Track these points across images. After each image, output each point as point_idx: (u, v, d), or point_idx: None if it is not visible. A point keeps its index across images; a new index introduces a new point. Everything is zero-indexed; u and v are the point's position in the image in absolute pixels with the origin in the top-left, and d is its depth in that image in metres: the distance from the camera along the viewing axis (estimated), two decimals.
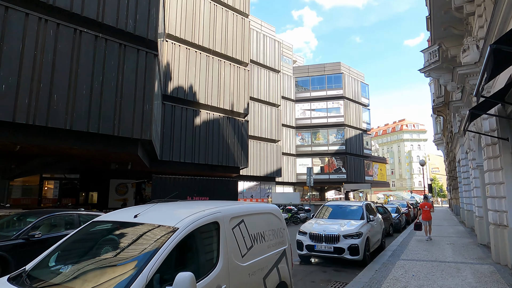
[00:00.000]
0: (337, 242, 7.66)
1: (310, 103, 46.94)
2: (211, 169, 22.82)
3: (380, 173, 55.36)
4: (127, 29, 12.70)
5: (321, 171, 45.80)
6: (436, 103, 29.58)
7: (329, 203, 10.04)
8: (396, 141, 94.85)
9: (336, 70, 47.09)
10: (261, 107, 33.86)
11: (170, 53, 21.02)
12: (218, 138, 23.03)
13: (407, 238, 12.24)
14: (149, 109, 13.09)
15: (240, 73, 25.27)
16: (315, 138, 46.70)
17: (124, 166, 17.27)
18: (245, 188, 32.93)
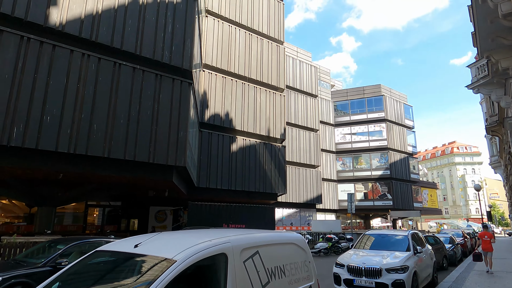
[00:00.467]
0: (379, 276, 6.84)
1: (350, 127, 45.67)
2: (248, 196, 22.50)
3: (430, 199, 51.54)
4: (163, 60, 13.19)
5: (364, 198, 43.60)
6: (490, 123, 27.29)
7: (370, 232, 9.20)
8: (446, 165, 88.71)
9: (376, 92, 45.74)
10: (298, 132, 33.44)
11: (207, 82, 21.61)
12: (254, 164, 22.83)
13: (464, 273, 10.85)
14: (184, 136, 13.25)
15: (275, 98, 25.28)
16: (357, 163, 44.95)
17: (161, 193, 17.52)
18: (284, 215, 32.05)
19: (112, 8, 12.30)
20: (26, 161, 10.35)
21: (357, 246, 8.61)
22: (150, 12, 13.23)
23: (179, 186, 15.73)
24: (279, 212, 31.42)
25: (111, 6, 12.28)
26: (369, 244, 8.60)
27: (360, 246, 8.60)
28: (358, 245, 8.69)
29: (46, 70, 10.49)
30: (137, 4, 12.96)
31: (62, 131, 10.47)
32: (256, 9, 25.75)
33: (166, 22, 13.62)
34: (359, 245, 8.64)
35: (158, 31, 13.29)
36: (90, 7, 11.80)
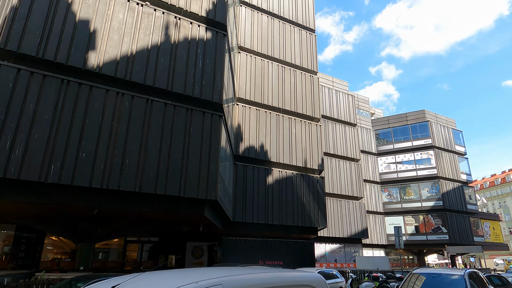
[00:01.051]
0: None
1: (395, 155, 43.37)
2: (286, 230, 21.54)
3: (493, 232, 46.33)
4: (193, 95, 13.43)
5: (416, 231, 40.20)
6: None
7: (419, 271, 8.05)
8: (509, 193, 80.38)
9: (421, 118, 43.47)
10: (338, 162, 32.26)
11: (241, 115, 21.75)
12: (292, 196, 22.04)
13: None
14: (215, 169, 13.09)
15: (311, 129, 24.76)
16: (405, 193, 42.05)
17: (196, 228, 17.25)
18: (328, 251, 30.23)
19: (146, 48, 12.93)
20: (62, 197, 10.65)
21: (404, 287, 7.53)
22: (181, 50, 13.72)
23: (213, 221, 15.40)
24: (321, 247, 29.75)
25: (145, 46, 12.91)
26: (418, 285, 7.49)
27: (407, 287, 7.50)
28: (404, 286, 7.60)
29: (83, 109, 11.02)
30: (169, 43, 13.53)
31: (96, 167, 10.74)
32: (288, 42, 26.11)
33: (197, 58, 14.03)
34: (406, 287, 7.55)
35: (189, 67, 13.68)
36: (125, 48, 12.47)
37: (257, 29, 24.74)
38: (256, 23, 24.78)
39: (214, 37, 14.80)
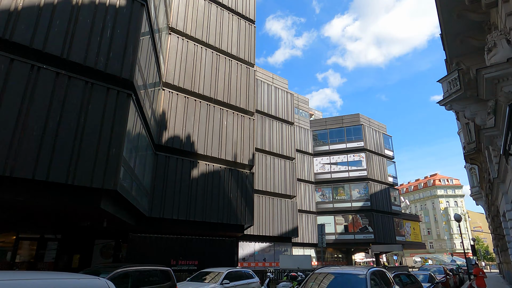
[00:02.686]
0: None
1: (330, 156, 44.40)
2: (210, 228, 20.20)
3: (413, 232, 49.67)
4: (96, 67, 11.50)
5: (345, 231, 41.46)
6: (468, 150, 26.25)
7: (322, 270, 7.23)
8: (429, 197, 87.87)
9: (355, 122, 45.07)
10: (273, 160, 31.72)
11: (166, 101, 19.95)
12: (218, 192, 20.76)
13: None
14: (116, 154, 11.29)
15: (244, 122, 23.74)
16: (337, 194, 43.22)
17: (99, 224, 15.13)
18: (257, 250, 29.47)
19: (36, 5, 10.70)
20: None
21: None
22: (85, 13, 11.67)
23: (118, 215, 13.50)
24: (250, 246, 28.91)
25: (35, 3, 10.68)
26: (319, 285, 6.62)
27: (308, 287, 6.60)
28: (306, 286, 6.69)
29: None
30: (69, 4, 11.42)
31: None
32: (225, 30, 24.83)
33: (105, 26, 12.08)
34: (308, 286, 6.64)
35: (94, 35, 11.69)
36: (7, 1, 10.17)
37: (192, 12, 23.08)
38: (192, 5, 23.10)
39: (129, 5, 12.93)
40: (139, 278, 8.26)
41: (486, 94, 6.12)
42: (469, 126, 27.26)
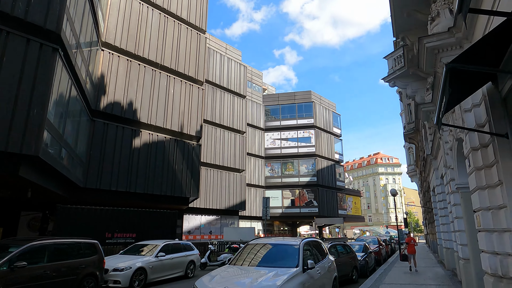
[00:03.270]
0: None
1: (280, 132, 44.81)
2: (153, 200, 19.41)
3: (354, 206, 52.78)
4: (13, 13, 9.90)
5: (291, 204, 42.76)
6: (407, 130, 27.79)
7: (255, 241, 7.02)
8: (371, 174, 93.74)
9: (307, 98, 45.66)
10: (223, 133, 31.11)
11: (106, 63, 18.24)
12: (162, 163, 19.87)
13: (373, 287, 9.25)
14: (39, 115, 10.00)
15: (193, 91, 22.70)
16: (286, 169, 44.10)
17: (23, 194, 13.69)
18: (203, 222, 29.26)
19: None
20: None
21: (236, 260, 6.34)
22: None
23: (45, 185, 12.25)
24: (196, 219, 28.59)
25: None
26: (251, 257, 6.39)
27: (239, 260, 6.34)
28: (236, 258, 6.42)
29: None
30: None
31: None
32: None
33: None
34: (238, 259, 6.38)
35: None
36: None
37: None
38: None
39: None
40: (58, 252, 7.47)
41: (426, 66, 6.09)
42: (410, 107, 28.76)
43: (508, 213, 4.19)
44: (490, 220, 4.65)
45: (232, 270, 5.81)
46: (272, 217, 43.43)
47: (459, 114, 5.44)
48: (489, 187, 4.65)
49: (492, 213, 4.58)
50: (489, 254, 4.71)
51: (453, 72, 3.17)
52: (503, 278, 4.43)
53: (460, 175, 7.38)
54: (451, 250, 12.22)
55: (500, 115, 4.46)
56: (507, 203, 4.21)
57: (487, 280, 4.89)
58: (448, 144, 7.82)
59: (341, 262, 10.19)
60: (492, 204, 4.59)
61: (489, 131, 4.51)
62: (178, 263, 11.04)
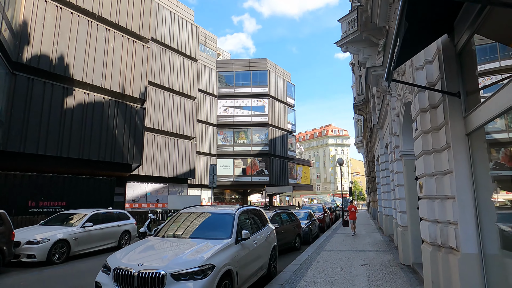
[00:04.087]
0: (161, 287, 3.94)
1: (234, 100, 43.73)
2: (90, 166, 17.86)
3: (304, 176, 54.33)
4: None
5: (243, 173, 42.73)
6: (357, 101, 28.30)
7: (188, 210, 6.31)
8: (322, 145, 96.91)
9: (262, 66, 44.68)
10: (172, 97, 29.38)
11: (29, 9, 15.70)
12: (100, 126, 18.17)
13: (313, 255, 9.13)
14: None
15: (136, 49, 20.71)
16: (238, 137, 43.56)
17: None
18: (149, 190, 28.08)
19: None
20: None
21: (163, 232, 5.59)
22: None
23: None
24: (142, 187, 27.32)
25: None
26: (181, 228, 5.69)
27: (168, 231, 5.61)
28: (165, 229, 5.69)
29: None
30: None
31: None
32: None
33: None
34: (167, 230, 5.65)
35: None
36: None
37: None
38: None
39: None
40: None
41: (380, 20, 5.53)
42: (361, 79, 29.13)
43: (453, 179, 3.85)
44: (434, 187, 4.32)
45: (155, 242, 5.08)
46: (223, 186, 43.29)
47: (410, 74, 4.99)
48: (435, 152, 4.28)
49: (436, 179, 4.25)
50: (430, 222, 4.44)
51: (410, 4, 2.53)
52: (441, 247, 4.18)
53: (405, 142, 7.17)
54: (390, 217, 12.58)
55: (453, 73, 4.01)
56: (453, 168, 3.85)
57: (425, 249, 4.66)
58: (395, 110, 7.54)
59: (285, 230, 9.95)
60: (437, 169, 4.25)
61: (440, 89, 4.06)
62: (110, 234, 10.10)
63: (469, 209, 3.73)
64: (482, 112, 3.44)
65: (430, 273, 4.34)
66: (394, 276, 6.35)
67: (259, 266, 5.95)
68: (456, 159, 3.84)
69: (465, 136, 3.85)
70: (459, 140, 3.86)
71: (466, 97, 3.91)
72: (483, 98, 3.49)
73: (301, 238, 11.26)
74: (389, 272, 6.68)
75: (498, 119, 3.29)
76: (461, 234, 3.72)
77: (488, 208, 3.61)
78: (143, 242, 5.17)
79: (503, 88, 3.05)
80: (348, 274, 6.61)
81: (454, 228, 3.85)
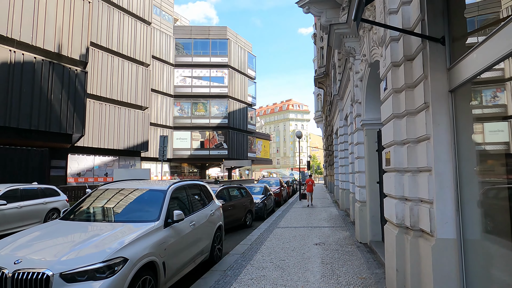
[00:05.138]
0: None
1: (192, 69, 41.43)
2: (20, 136, 15.70)
3: (263, 150, 54.05)
4: None
5: (201, 146, 41.31)
6: (318, 74, 27.72)
7: (109, 185, 5.16)
8: (282, 120, 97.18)
9: (222, 35, 42.45)
10: (122, 63, 26.89)
11: None
12: (32, 91, 15.90)
13: (266, 232, 8.42)
14: None
15: (75, 3, 18.15)
16: (196, 109, 41.72)
17: None
18: (97, 163, 26.04)
19: None
20: None
21: (71, 213, 4.42)
22: None
23: None
24: (88, 160, 25.21)
25: None
26: (97, 208, 4.56)
27: (79, 212, 4.46)
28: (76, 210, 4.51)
29: None
30: None
31: None
32: None
33: None
34: (77, 211, 4.49)
35: None
36: None
37: None
38: None
39: None
40: None
41: None
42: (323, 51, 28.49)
43: (430, 148, 3.08)
44: (404, 157, 3.55)
45: (57, 227, 3.92)
46: (180, 159, 41.70)
47: (382, 19, 4.09)
48: (408, 115, 3.48)
49: (408, 149, 3.47)
50: (397, 200, 3.70)
51: None
52: (410, 229, 3.47)
53: (368, 110, 6.44)
54: (346, 191, 12.22)
55: (437, 11, 3.15)
56: (431, 134, 3.07)
57: (389, 231, 3.96)
58: (358, 74, 6.75)
59: (233, 206, 9.09)
60: (410, 136, 3.46)
61: (421, 33, 3.19)
62: (33, 213, 8.66)
63: (448, 184, 2.99)
64: (473, 60, 2.62)
65: (394, 259, 3.64)
66: (350, 257, 5.75)
67: (198, 250, 5.03)
68: (436, 122, 3.05)
69: (448, 93, 3.05)
70: (441, 98, 3.06)
71: (452, 43, 3.07)
72: (473, 47, 2.66)
73: (253, 214, 10.50)
74: (345, 252, 6.07)
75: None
76: (437, 215, 2.99)
77: (471, 184, 2.88)
78: (42, 227, 3.99)
79: (504, 28, 2.22)
80: (301, 255, 5.91)
81: (428, 207, 3.11)
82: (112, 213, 4.37)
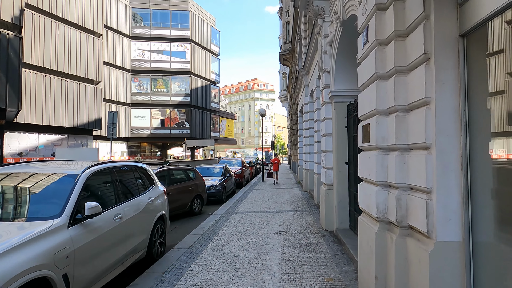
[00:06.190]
0: None
1: (151, 42, 38.65)
2: None
3: (228, 129, 52.81)
4: None
5: (161, 125, 39.21)
6: (283, 50, 26.70)
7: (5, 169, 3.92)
8: (247, 99, 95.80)
9: (184, 6, 39.78)
10: (69, 31, 24.12)
11: None
12: None
13: (222, 219, 7.51)
14: None
15: None
16: (156, 85, 39.29)
17: None
18: (42, 142, 23.63)
19: None
20: None
21: None
22: None
23: None
24: (32, 138, 22.77)
25: None
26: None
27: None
28: None
29: None
30: None
31: None
32: None
33: None
34: None
35: None
36: None
37: None
38: None
39: None
40: None
41: None
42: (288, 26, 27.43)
43: (430, 116, 2.21)
44: (390, 131, 2.68)
45: None
46: (138, 138, 39.45)
47: None
48: (398, 73, 2.58)
49: (397, 119, 2.59)
50: (378, 187, 2.85)
51: None
52: (396, 226, 2.64)
53: (337, 80, 5.56)
54: (310, 172, 11.57)
55: None
56: (433, 97, 2.19)
57: (365, 226, 3.14)
58: (327, 38, 5.82)
59: (175, 191, 7.95)
60: (399, 102, 2.58)
61: None
62: None
63: (454, 167, 2.15)
64: None
65: (373, 263, 2.83)
66: (315, 249, 4.97)
67: (128, 250, 3.97)
68: (440, 80, 2.17)
69: (458, 38, 2.17)
70: (448, 46, 2.17)
71: None
72: None
73: (203, 200, 9.34)
74: (309, 243, 5.30)
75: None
76: (437, 209, 2.16)
77: (486, 166, 2.06)
78: None
79: None
80: (258, 248, 5.05)
81: (424, 198, 2.27)
82: (6, 206, 3.18)
